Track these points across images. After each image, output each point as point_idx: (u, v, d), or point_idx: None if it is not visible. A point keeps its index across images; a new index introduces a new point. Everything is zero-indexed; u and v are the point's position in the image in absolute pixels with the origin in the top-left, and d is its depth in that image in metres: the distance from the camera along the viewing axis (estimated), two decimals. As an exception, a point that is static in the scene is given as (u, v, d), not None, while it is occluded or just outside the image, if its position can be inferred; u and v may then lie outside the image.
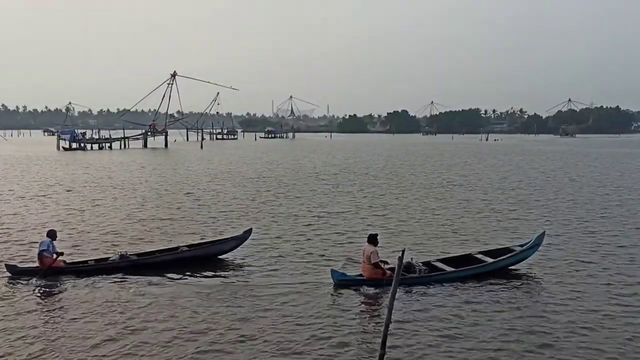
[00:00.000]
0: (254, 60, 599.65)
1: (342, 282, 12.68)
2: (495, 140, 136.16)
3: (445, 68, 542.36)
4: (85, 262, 14.31)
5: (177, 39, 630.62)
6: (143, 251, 15.37)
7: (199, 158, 62.04)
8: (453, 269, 13.45)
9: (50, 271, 13.40)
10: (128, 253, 14.60)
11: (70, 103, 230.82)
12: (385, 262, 13.06)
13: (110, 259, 14.30)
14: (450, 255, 14.85)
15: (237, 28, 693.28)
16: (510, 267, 14.03)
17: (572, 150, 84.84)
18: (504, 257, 13.96)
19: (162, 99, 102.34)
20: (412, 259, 13.39)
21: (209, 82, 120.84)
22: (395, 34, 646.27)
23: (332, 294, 12.23)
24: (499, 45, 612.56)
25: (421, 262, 13.64)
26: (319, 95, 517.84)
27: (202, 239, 17.26)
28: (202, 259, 14.95)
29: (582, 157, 67.37)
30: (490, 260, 13.83)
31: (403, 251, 7.94)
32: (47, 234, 14.12)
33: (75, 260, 14.45)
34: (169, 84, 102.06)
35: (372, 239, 13.03)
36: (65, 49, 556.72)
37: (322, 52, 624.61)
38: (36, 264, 13.65)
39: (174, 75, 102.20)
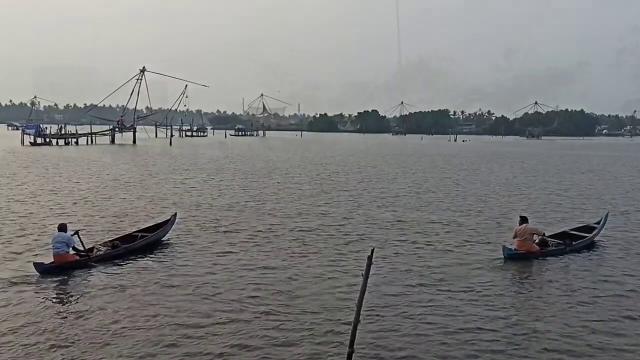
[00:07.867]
0: (224, 58, 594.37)
1: (512, 256, 15.02)
2: (463, 141, 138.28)
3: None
4: (80, 252, 13.79)
5: (145, 35, 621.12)
6: (112, 238, 15.69)
7: (168, 155, 61.39)
8: (571, 242, 16.27)
9: (67, 265, 13.09)
10: (113, 241, 15.08)
11: (35, 97, 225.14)
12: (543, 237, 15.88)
13: (100, 248, 14.47)
14: (552, 233, 17.37)
15: (207, 25, 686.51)
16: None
17: (539, 152, 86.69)
18: (594, 232, 17.29)
19: (131, 95, 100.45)
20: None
21: (178, 79, 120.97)
22: (366, 35, 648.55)
23: (503, 267, 14.56)
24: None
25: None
26: (290, 94, 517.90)
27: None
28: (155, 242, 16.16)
29: (547, 157, 68.91)
30: (589, 235, 17.00)
31: (372, 250, 7.99)
32: (59, 227, 13.60)
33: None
34: (137, 79, 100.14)
35: (526, 220, 15.79)
36: (32, 40, 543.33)
37: (294, 50, 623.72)
38: (52, 260, 13.11)
39: (142, 70, 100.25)
